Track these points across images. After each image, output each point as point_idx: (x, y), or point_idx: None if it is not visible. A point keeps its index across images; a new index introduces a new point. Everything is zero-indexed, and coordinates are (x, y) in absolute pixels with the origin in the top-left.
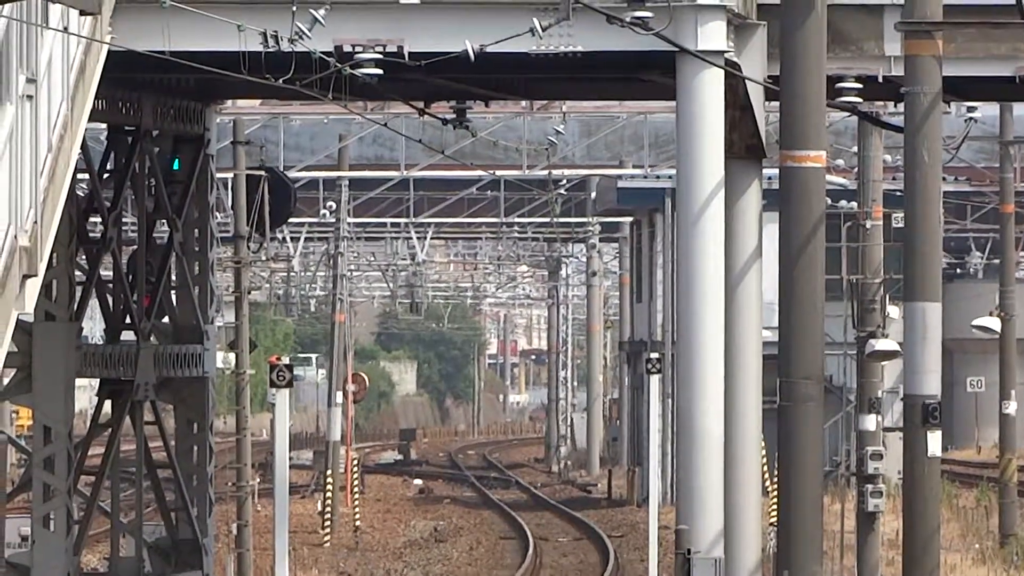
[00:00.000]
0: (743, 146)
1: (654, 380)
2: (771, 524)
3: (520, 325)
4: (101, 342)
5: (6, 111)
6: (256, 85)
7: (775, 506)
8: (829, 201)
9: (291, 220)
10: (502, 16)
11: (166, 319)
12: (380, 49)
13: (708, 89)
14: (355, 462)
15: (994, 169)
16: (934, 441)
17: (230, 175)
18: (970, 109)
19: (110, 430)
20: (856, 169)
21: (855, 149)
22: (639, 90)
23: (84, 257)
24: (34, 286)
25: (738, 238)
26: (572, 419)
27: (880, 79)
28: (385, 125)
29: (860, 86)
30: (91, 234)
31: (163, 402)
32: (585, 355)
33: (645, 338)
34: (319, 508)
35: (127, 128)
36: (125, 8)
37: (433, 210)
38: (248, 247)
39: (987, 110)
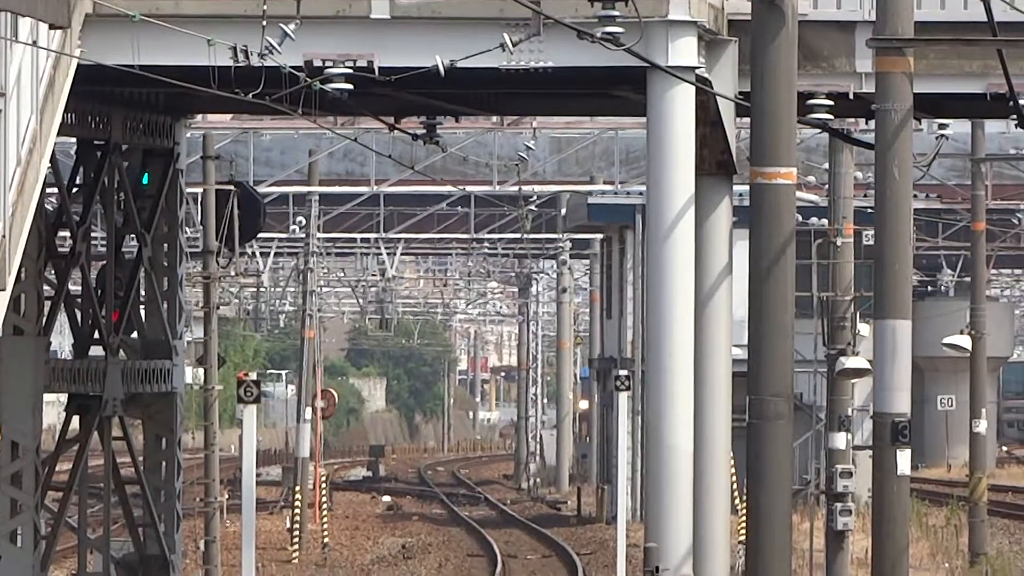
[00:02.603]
0: (714, 162)
1: (623, 397)
2: (740, 542)
3: (490, 341)
4: (69, 357)
5: None
6: (226, 100)
7: (744, 524)
8: (800, 218)
9: (261, 235)
10: (473, 31)
11: (135, 334)
12: (350, 64)
13: (679, 105)
14: (324, 479)
15: (965, 187)
16: (904, 459)
17: (200, 190)
18: (941, 126)
19: (78, 445)
20: (827, 186)
21: (826, 166)
22: (610, 106)
23: (53, 271)
24: (2, 300)
25: (708, 255)
26: (541, 436)
27: (851, 96)
28: (355, 140)
29: (831, 103)
30: (60, 248)
31: (131, 417)
32: (555, 372)
33: (615, 355)
34: (287, 525)
35: (96, 142)
36: (94, 22)
37: (403, 226)
38: (217, 262)
39: (959, 127)
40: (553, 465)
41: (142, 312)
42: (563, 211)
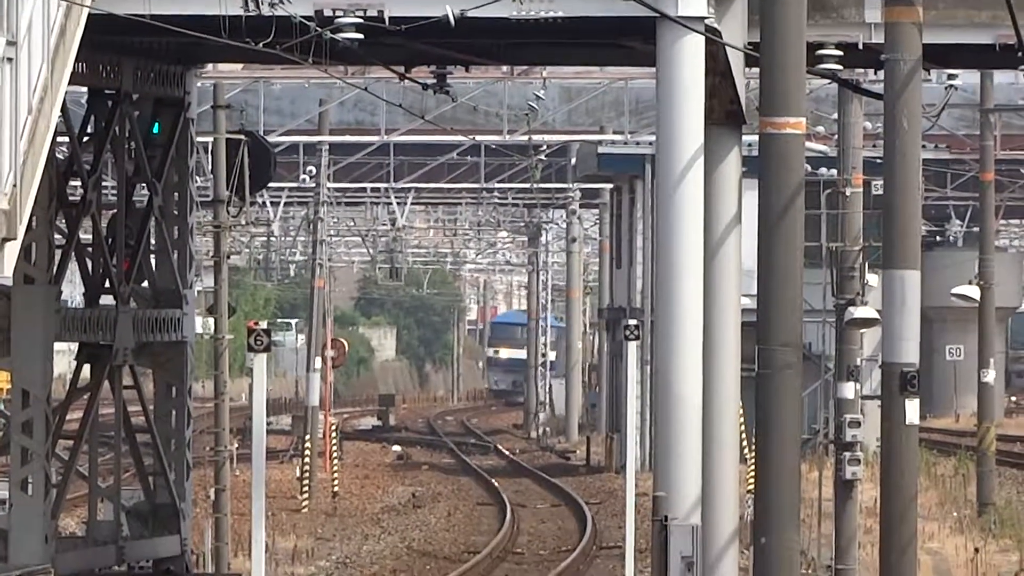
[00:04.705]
0: (723, 112)
1: (632, 347)
2: (748, 491)
3: (500, 291)
4: (80, 306)
5: None
6: (237, 49)
7: (752, 473)
8: (809, 168)
9: (271, 185)
10: None
11: (145, 283)
12: (361, 13)
13: (688, 55)
14: (334, 428)
15: (974, 137)
16: (912, 409)
17: (210, 139)
18: (950, 77)
19: (88, 394)
20: (836, 136)
21: (835, 116)
22: (620, 56)
23: (63, 220)
24: (13, 249)
25: (717, 205)
26: (551, 385)
27: (860, 46)
28: (365, 90)
29: (840, 53)
30: (71, 197)
31: (142, 366)
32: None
33: (624, 304)
34: (297, 473)
35: (107, 91)
36: None
37: (413, 175)
38: (228, 211)
39: (968, 78)
40: (562, 414)
41: (152, 261)
42: (573, 161)
